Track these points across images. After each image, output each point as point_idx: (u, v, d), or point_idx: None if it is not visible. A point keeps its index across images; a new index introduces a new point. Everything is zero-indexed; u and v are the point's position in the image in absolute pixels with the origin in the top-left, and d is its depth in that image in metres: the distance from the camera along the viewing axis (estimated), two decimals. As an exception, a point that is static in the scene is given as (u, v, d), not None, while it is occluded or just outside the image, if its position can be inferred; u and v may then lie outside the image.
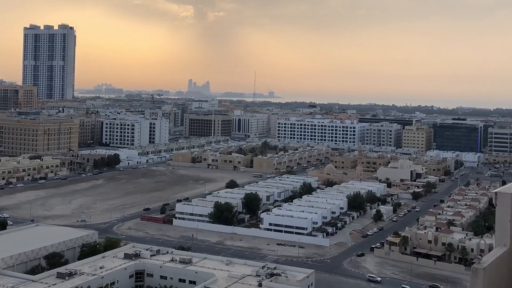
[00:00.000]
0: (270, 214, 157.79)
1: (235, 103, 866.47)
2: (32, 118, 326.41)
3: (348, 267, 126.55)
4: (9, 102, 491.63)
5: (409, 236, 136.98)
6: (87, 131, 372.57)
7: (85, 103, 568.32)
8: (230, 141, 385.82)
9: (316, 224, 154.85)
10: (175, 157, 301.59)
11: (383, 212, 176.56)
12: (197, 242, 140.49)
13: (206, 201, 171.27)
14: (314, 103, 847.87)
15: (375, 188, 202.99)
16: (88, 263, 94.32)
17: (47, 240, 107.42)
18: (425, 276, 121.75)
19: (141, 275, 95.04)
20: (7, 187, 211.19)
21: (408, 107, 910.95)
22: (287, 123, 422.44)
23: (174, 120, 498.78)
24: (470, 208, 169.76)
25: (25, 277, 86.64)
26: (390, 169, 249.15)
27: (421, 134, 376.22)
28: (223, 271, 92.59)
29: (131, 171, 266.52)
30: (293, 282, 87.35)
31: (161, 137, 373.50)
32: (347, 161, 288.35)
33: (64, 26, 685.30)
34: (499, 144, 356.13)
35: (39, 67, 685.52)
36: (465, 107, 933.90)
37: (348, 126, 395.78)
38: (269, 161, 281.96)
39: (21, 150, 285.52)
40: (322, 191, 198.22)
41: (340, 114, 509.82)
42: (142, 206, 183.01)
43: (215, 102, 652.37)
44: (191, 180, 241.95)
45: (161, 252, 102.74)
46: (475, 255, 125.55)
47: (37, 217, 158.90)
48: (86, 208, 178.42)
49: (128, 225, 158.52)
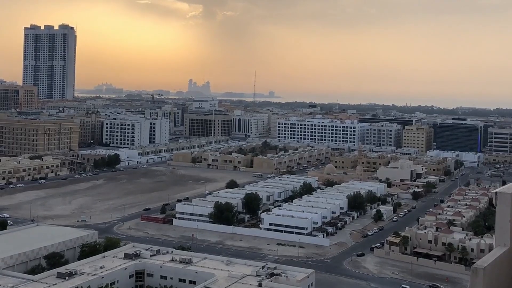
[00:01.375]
0: (270, 214, 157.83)
1: (235, 103, 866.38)
2: (32, 118, 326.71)
3: (348, 267, 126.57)
4: (10, 102, 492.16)
5: (409, 236, 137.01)
6: (87, 131, 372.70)
7: (85, 103, 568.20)
8: (230, 141, 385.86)
9: (316, 224, 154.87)
10: (175, 157, 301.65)
11: (383, 212, 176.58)
12: (197, 242, 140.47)
13: (206, 201, 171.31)
14: (314, 103, 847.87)
15: (375, 188, 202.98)
16: (88, 263, 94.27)
17: (47, 240, 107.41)
18: (425, 276, 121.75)
19: (141, 275, 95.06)
20: (7, 187, 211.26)
21: (408, 107, 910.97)
22: (287, 123, 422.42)
23: (174, 120, 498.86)
24: (470, 208, 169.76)
25: (25, 277, 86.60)
26: (390, 169, 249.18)
27: (421, 134, 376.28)
28: (223, 271, 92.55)
29: (131, 171, 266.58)
30: (293, 282, 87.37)
31: (161, 137, 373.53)
32: (347, 161, 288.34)
33: (65, 26, 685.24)
34: (499, 144, 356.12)
35: (40, 67, 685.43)
36: (465, 107, 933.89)
37: (348, 126, 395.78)
38: (269, 161, 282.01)
39: (21, 150, 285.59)
40: (322, 191, 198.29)
41: (340, 114, 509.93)
42: (142, 206, 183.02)
43: (215, 102, 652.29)
44: (191, 180, 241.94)
45: (161, 252, 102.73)
46: (475, 255, 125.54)
47: (37, 217, 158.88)
48: (86, 208, 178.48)
49: (128, 225, 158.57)
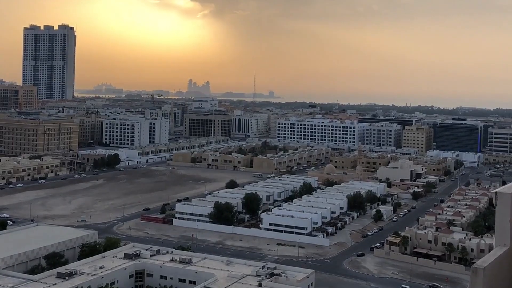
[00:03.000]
0: (270, 214, 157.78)
1: (235, 103, 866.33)
2: (32, 118, 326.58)
3: (348, 267, 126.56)
4: (9, 102, 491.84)
5: (409, 236, 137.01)
6: (87, 131, 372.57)
7: (85, 103, 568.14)
8: (230, 141, 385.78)
9: (316, 224, 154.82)
10: (175, 157, 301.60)
11: (383, 212, 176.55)
12: (197, 242, 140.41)
13: (206, 201, 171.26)
14: (314, 103, 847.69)
15: (375, 188, 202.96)
16: (88, 263, 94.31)
17: (47, 240, 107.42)
18: (425, 276, 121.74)
19: (141, 275, 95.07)
20: (7, 187, 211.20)
21: (408, 107, 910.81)
22: (287, 123, 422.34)
23: (174, 120, 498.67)
24: (470, 208, 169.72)
25: (25, 277, 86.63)
26: (390, 169, 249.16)
27: (421, 134, 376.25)
28: (223, 271, 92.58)
29: (131, 171, 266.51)
30: (293, 282, 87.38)
31: (161, 137, 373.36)
32: (347, 161, 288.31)
33: (64, 26, 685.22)
34: (499, 144, 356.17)
35: (39, 67, 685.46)
36: (465, 107, 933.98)
37: (348, 126, 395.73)
38: (269, 161, 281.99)
39: (21, 150, 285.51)
40: (322, 191, 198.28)
41: (340, 114, 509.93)
42: (142, 206, 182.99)
43: (215, 102, 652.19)
44: (191, 180, 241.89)
45: (161, 252, 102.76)
46: (475, 255, 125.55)
47: (37, 217, 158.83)
48: (86, 208, 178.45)
49: (128, 225, 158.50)
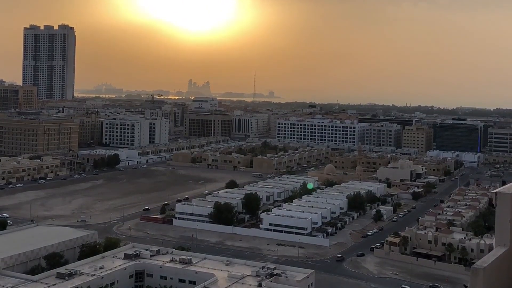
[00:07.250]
0: (270, 214, 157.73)
1: (235, 103, 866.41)
2: (32, 118, 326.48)
3: (348, 267, 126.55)
4: (9, 102, 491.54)
5: (409, 236, 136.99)
6: (87, 131, 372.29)
7: (85, 103, 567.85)
8: (230, 141, 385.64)
9: (316, 224, 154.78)
10: (175, 157, 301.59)
11: (383, 212, 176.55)
12: (197, 242, 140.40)
13: (206, 201, 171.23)
14: (314, 103, 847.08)
15: (375, 188, 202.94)
16: (88, 263, 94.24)
17: (47, 240, 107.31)
18: (425, 276, 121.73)
19: (141, 275, 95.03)
20: (7, 187, 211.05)
21: (408, 107, 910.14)
22: (287, 123, 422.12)
23: (174, 120, 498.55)
24: (470, 208, 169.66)
25: (25, 277, 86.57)
26: (390, 169, 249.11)
27: (421, 134, 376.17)
28: (223, 271, 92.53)
29: (131, 171, 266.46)
30: (293, 282, 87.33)
31: (161, 137, 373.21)
32: (347, 161, 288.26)
33: (64, 26, 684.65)
34: (499, 144, 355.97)
35: (39, 67, 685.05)
36: (465, 107, 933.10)
37: (348, 126, 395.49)
38: (269, 161, 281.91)
39: (21, 150, 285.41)
40: (322, 191, 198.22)
41: (340, 114, 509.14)
42: (142, 206, 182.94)
43: (215, 102, 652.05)
44: (191, 180, 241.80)
45: (161, 252, 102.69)
46: (475, 255, 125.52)
47: (37, 217, 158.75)
48: (86, 208, 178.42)
49: (128, 225, 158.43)
